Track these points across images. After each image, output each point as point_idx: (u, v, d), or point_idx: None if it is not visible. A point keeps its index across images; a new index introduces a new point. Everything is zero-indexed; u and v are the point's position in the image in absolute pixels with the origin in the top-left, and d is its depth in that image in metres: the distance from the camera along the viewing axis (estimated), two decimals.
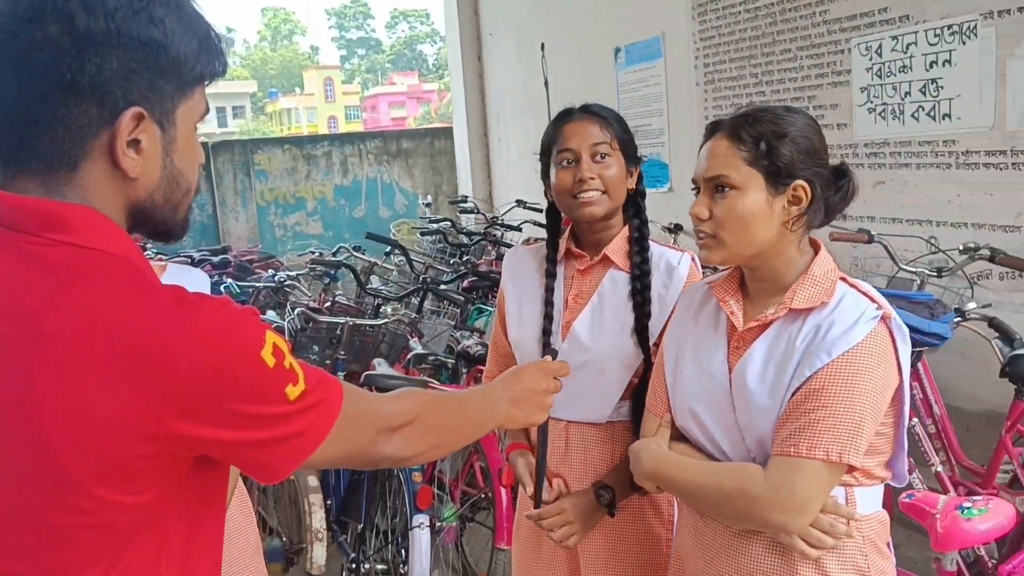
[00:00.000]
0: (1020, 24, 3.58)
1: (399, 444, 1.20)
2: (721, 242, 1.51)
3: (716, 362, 1.57)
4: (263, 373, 0.98)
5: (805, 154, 1.48)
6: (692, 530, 1.63)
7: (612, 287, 1.90)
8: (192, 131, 1.06)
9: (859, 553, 1.49)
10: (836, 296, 1.47)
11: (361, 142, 10.09)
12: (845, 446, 1.39)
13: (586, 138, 1.85)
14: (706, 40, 5.53)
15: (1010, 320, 3.22)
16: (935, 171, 4.04)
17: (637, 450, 1.65)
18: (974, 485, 3.12)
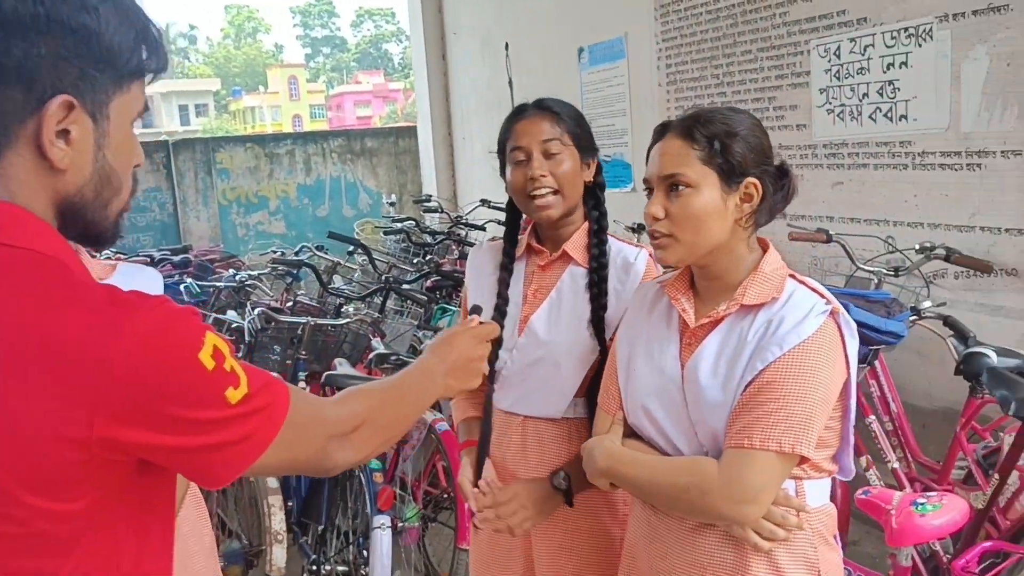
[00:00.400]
0: (974, 27, 3.64)
1: (351, 450, 1.18)
2: (677, 241, 1.53)
3: (669, 358, 1.59)
4: (201, 376, 0.95)
5: (755, 152, 1.53)
6: (645, 525, 1.65)
7: (571, 282, 1.91)
8: (128, 127, 1.03)
9: (809, 545, 1.52)
10: (786, 292, 1.51)
11: (324, 141, 10.02)
12: (797, 437, 1.42)
13: (537, 135, 1.85)
14: (668, 41, 5.56)
15: (965, 319, 3.27)
16: (892, 172, 4.10)
17: (590, 447, 1.66)
18: (930, 481, 3.16)
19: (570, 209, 1.89)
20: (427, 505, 3.59)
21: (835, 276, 4.26)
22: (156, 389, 0.92)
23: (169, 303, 0.95)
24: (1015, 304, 3.59)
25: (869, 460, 3.16)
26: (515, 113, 1.92)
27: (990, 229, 3.69)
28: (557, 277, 1.93)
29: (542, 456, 1.92)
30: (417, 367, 1.40)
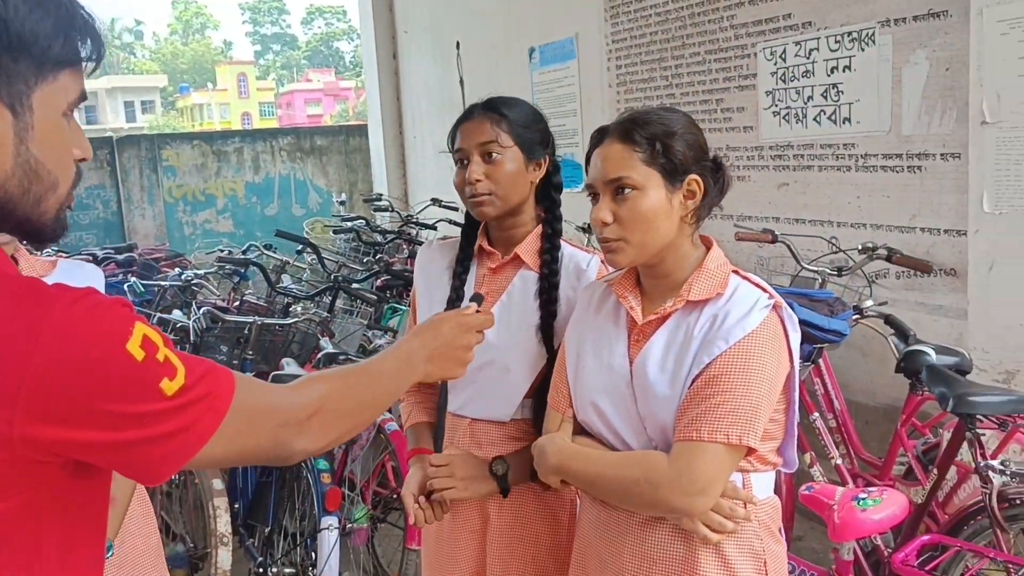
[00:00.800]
0: (915, 32, 3.72)
1: (309, 437, 1.13)
2: (628, 243, 1.55)
3: (617, 356, 1.62)
4: (130, 367, 0.90)
5: (693, 149, 1.56)
6: (595, 521, 1.66)
7: (522, 286, 1.90)
8: (57, 118, 0.98)
9: (756, 537, 1.56)
10: (730, 287, 1.55)
11: (274, 139, 9.90)
12: (744, 429, 1.45)
13: (476, 137, 1.84)
14: (618, 42, 5.60)
15: (905, 317, 3.34)
16: (836, 173, 4.17)
17: (541, 445, 1.67)
18: (872, 477, 3.22)
19: (512, 210, 1.87)
20: (376, 506, 3.56)
21: (781, 276, 4.33)
22: (80, 384, 0.88)
23: (95, 294, 0.92)
24: (953, 303, 3.68)
25: (813, 457, 3.21)
26: (463, 114, 1.92)
27: (930, 230, 3.78)
28: (508, 280, 1.92)
29: (488, 455, 1.90)
30: (396, 349, 1.34)
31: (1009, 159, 3.14)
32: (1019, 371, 3.22)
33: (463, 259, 1.96)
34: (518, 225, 1.91)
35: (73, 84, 0.99)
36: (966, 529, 2.60)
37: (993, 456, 2.59)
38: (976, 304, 3.36)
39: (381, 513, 3.58)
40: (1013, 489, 2.47)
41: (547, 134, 1.92)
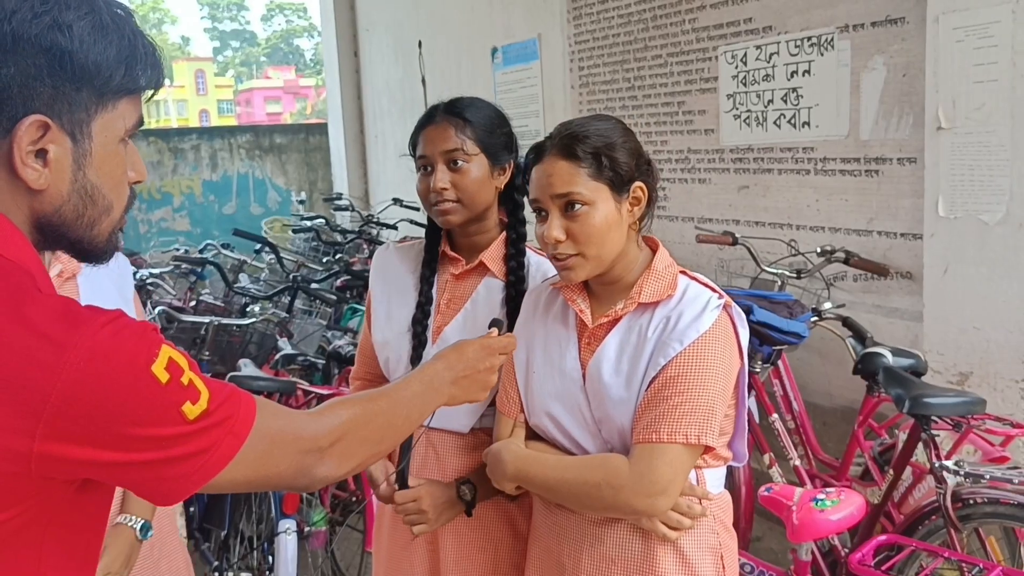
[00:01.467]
0: (873, 38, 3.77)
1: (331, 464, 1.13)
2: (585, 259, 1.55)
3: (568, 359, 1.62)
4: (154, 391, 0.91)
5: (634, 157, 1.57)
6: (551, 526, 1.66)
7: (487, 294, 1.86)
8: (115, 144, 1.00)
9: (711, 532, 1.59)
10: (680, 288, 1.56)
11: (232, 136, 9.77)
12: (702, 428, 1.47)
13: (440, 144, 1.80)
14: (581, 44, 5.60)
15: (863, 320, 3.38)
16: (795, 176, 4.21)
17: (495, 452, 1.66)
18: (830, 478, 3.25)
19: (476, 216, 1.84)
20: (335, 508, 3.52)
21: (741, 278, 4.36)
22: (105, 405, 0.88)
23: (123, 317, 0.92)
24: (909, 306, 3.73)
25: (772, 458, 3.23)
26: (425, 117, 1.86)
27: (887, 233, 3.83)
28: (472, 288, 1.88)
29: (447, 465, 1.88)
30: (421, 373, 1.36)
31: (963, 164, 3.19)
32: (972, 373, 3.27)
33: (430, 263, 1.92)
34: (482, 231, 1.88)
35: (132, 111, 1.01)
36: (921, 529, 2.63)
37: (947, 457, 2.63)
38: (931, 307, 3.41)
39: (340, 516, 3.53)
40: (967, 489, 2.50)
41: (511, 138, 1.88)
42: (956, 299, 3.29)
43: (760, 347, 3.29)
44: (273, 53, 68.83)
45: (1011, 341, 3.13)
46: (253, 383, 3.36)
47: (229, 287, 4.96)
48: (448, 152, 1.79)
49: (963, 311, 3.27)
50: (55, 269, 1.86)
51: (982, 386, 3.22)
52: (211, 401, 0.96)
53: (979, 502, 2.48)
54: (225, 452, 0.98)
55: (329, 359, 3.97)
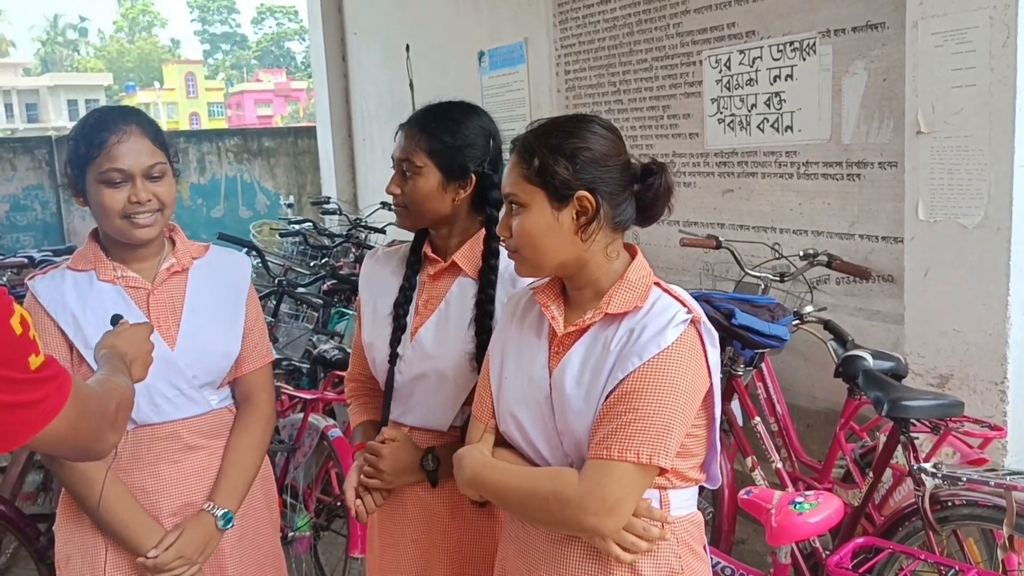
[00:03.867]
0: (854, 42, 3.79)
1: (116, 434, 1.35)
2: (523, 257, 1.54)
3: (537, 367, 1.58)
4: (9, 339, 1.08)
5: (585, 164, 1.48)
6: (514, 539, 1.63)
7: (460, 294, 1.88)
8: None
9: (673, 555, 1.51)
10: (649, 300, 1.50)
11: (220, 139, 9.75)
12: (655, 448, 1.41)
13: (397, 150, 1.84)
14: (567, 48, 5.62)
15: (845, 323, 3.40)
16: (779, 180, 4.24)
17: (459, 456, 1.63)
18: (812, 480, 3.27)
19: (432, 224, 1.88)
20: (319, 513, 3.51)
21: (726, 281, 4.38)
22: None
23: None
24: (891, 309, 3.75)
25: (754, 460, 3.25)
26: (405, 121, 1.90)
27: (868, 237, 3.86)
28: (447, 288, 1.89)
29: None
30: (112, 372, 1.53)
31: (943, 168, 3.21)
32: (952, 375, 3.29)
33: (412, 264, 1.94)
34: (452, 235, 1.89)
35: None
36: (900, 531, 2.64)
37: (926, 459, 2.64)
38: (912, 310, 3.42)
39: (324, 521, 3.53)
40: (945, 491, 2.52)
41: (484, 149, 1.84)
42: (936, 302, 3.31)
43: (742, 351, 3.30)
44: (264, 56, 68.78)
45: (989, 344, 3.15)
46: None
47: None
48: (400, 160, 1.84)
49: (943, 314, 3.29)
50: (167, 263, 1.95)
51: (962, 388, 3.24)
52: (45, 357, 1.14)
53: (957, 504, 2.49)
54: (53, 405, 1.16)
55: (315, 363, 3.97)
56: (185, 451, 1.93)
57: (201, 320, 1.95)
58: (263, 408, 2.06)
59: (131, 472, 1.89)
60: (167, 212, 1.90)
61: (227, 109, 57.59)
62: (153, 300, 1.92)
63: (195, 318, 1.95)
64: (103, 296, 1.88)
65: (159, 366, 1.84)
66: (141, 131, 1.86)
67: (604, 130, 1.53)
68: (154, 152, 1.86)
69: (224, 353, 1.98)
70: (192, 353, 1.92)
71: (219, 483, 1.95)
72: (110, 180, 1.81)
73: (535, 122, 1.57)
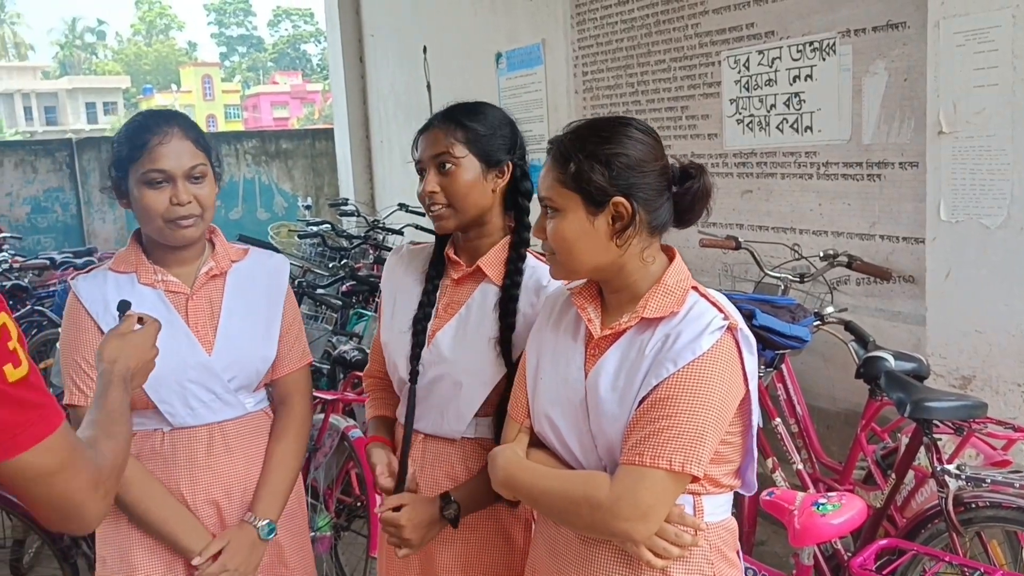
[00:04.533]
0: (874, 42, 3.78)
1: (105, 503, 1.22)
2: (558, 261, 1.54)
3: (573, 369, 1.57)
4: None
5: (622, 170, 1.47)
6: (546, 539, 1.63)
7: (481, 300, 1.85)
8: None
9: (705, 561, 1.50)
10: (686, 305, 1.48)
11: (238, 141, 9.82)
12: (687, 456, 1.39)
13: (430, 149, 1.81)
14: (584, 49, 5.62)
15: (866, 324, 3.39)
16: (798, 181, 4.22)
17: (493, 455, 1.63)
18: (832, 482, 3.26)
19: (472, 221, 1.83)
20: (340, 514, 3.53)
21: (745, 282, 4.37)
22: None
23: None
24: (912, 310, 3.73)
25: (775, 462, 3.24)
26: (424, 125, 1.87)
27: (889, 237, 3.84)
28: (469, 293, 1.87)
29: (439, 473, 1.88)
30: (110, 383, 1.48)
31: (965, 168, 3.20)
32: (975, 377, 3.27)
33: (436, 266, 1.92)
34: (484, 235, 1.86)
35: None
36: (923, 533, 2.63)
37: (949, 460, 2.63)
38: (933, 311, 3.41)
39: (344, 521, 3.55)
40: (968, 493, 2.50)
41: (512, 139, 1.85)
42: (958, 303, 3.30)
43: (763, 351, 3.29)
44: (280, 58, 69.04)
45: (1013, 345, 3.13)
46: None
47: None
48: (436, 156, 1.79)
49: (965, 315, 3.28)
50: (206, 267, 1.95)
51: (984, 390, 3.22)
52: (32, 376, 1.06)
53: (981, 506, 2.48)
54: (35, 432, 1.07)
55: (335, 364, 3.98)
56: (221, 454, 1.93)
57: (238, 324, 1.95)
58: (299, 412, 2.05)
59: (168, 473, 1.89)
60: (208, 215, 1.90)
61: (243, 111, 57.86)
62: (192, 305, 1.93)
63: (232, 323, 1.95)
64: (144, 300, 1.87)
65: (196, 372, 1.86)
66: (183, 133, 1.87)
67: (642, 134, 1.51)
68: (195, 154, 1.87)
69: (261, 357, 1.98)
70: (229, 358, 1.92)
71: (259, 492, 1.95)
72: (152, 181, 1.82)
73: (573, 124, 1.56)
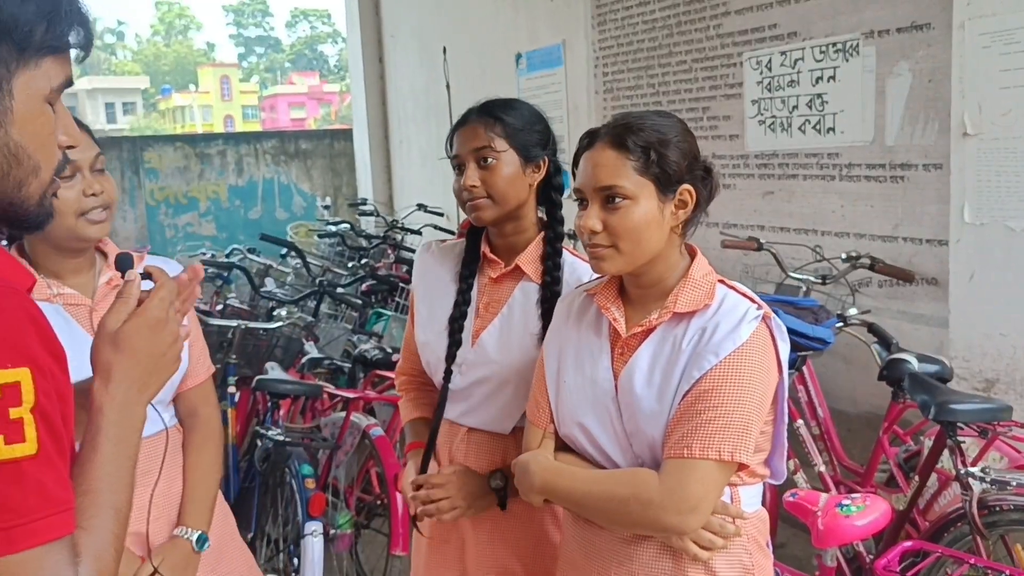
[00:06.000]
0: (898, 43, 3.76)
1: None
2: (619, 252, 1.50)
3: (601, 369, 1.56)
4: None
5: (687, 158, 1.51)
6: (580, 541, 1.62)
7: (523, 299, 1.85)
8: (39, 104, 0.97)
9: (744, 552, 1.52)
10: (717, 298, 1.49)
11: (257, 142, 9.85)
12: (736, 445, 1.41)
13: (469, 143, 1.80)
14: (605, 49, 5.62)
15: (888, 326, 3.37)
16: (820, 182, 4.21)
17: (524, 463, 1.61)
18: (854, 484, 3.24)
19: (509, 214, 1.82)
20: (360, 512, 3.55)
21: (766, 283, 4.35)
22: None
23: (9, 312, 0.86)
24: (935, 312, 3.71)
25: (797, 464, 3.23)
26: (460, 120, 1.88)
27: (912, 240, 3.82)
28: (509, 292, 1.87)
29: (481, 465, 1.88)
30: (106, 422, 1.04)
31: (989, 170, 3.18)
32: (998, 379, 3.25)
33: (469, 264, 1.91)
34: (519, 231, 1.86)
35: (57, 70, 0.98)
36: (947, 535, 2.62)
37: (973, 463, 2.61)
38: (957, 313, 3.39)
39: (365, 519, 3.56)
40: (993, 496, 2.49)
41: (546, 135, 1.86)
42: (982, 305, 3.28)
43: None
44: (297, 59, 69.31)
45: None
46: (280, 386, 3.41)
47: (256, 291, 5.00)
48: (477, 150, 1.79)
49: (989, 317, 3.26)
50: (105, 276, 1.83)
51: (1008, 393, 3.20)
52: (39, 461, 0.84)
53: (1005, 509, 2.47)
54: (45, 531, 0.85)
55: (355, 363, 4.01)
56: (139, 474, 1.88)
57: None
58: (212, 423, 1.98)
59: None
60: (113, 210, 1.79)
61: (261, 112, 58.11)
62: (97, 318, 1.74)
63: None
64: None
65: None
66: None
67: (688, 129, 1.56)
68: (92, 144, 1.75)
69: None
70: None
71: (185, 506, 1.89)
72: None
73: (622, 115, 1.55)
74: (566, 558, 1.69)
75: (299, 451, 3.21)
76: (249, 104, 59.13)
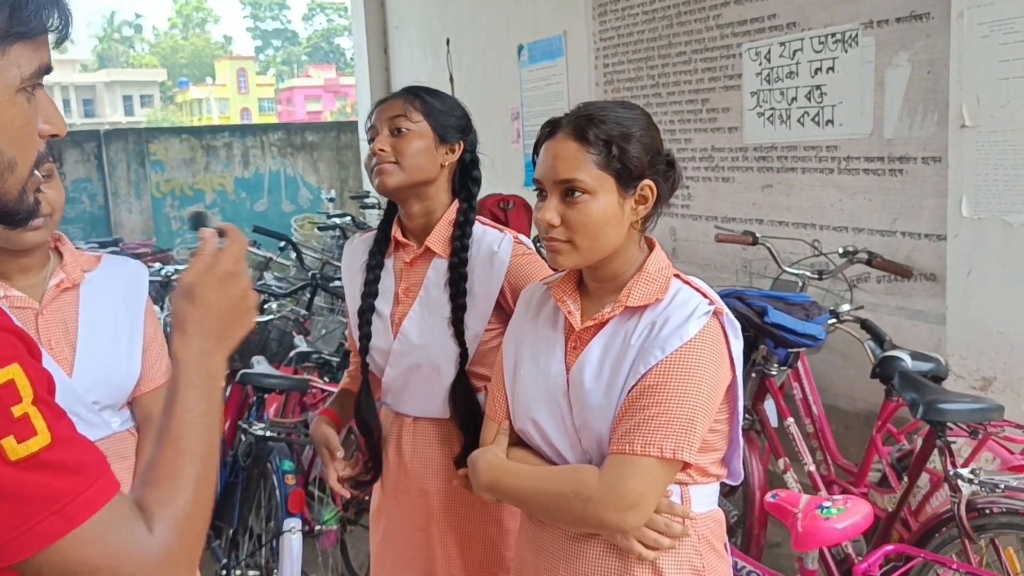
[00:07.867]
0: (897, 34, 3.68)
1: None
2: (576, 247, 1.47)
3: (554, 363, 1.54)
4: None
5: (649, 153, 1.47)
6: (531, 538, 1.60)
7: (436, 278, 1.86)
8: (9, 95, 0.90)
9: (694, 552, 1.48)
10: (670, 292, 1.47)
11: (264, 134, 9.85)
12: (679, 442, 1.38)
13: (385, 112, 1.84)
14: (606, 41, 5.56)
15: (886, 322, 3.31)
16: (819, 175, 4.13)
17: (473, 459, 1.60)
18: (848, 484, 3.19)
19: (415, 186, 1.83)
20: (347, 507, 3.52)
21: (763, 278, 4.29)
22: None
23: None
24: (933, 308, 3.64)
25: (787, 463, 3.17)
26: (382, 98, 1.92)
27: (910, 234, 3.74)
28: (423, 273, 1.88)
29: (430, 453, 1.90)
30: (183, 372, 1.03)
31: (988, 163, 3.10)
32: (996, 378, 3.18)
33: (376, 254, 1.93)
34: (428, 212, 1.88)
35: (29, 57, 0.92)
36: (936, 538, 2.56)
37: (965, 464, 2.55)
38: (954, 310, 3.32)
39: (352, 515, 3.53)
40: (982, 498, 2.43)
41: (466, 123, 1.90)
42: (979, 302, 3.20)
43: (775, 349, 3.22)
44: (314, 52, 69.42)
45: None
46: (265, 380, 3.38)
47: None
48: (392, 118, 1.82)
49: (987, 314, 3.18)
50: (56, 279, 1.80)
51: (1006, 391, 3.13)
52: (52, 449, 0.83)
53: (995, 512, 2.40)
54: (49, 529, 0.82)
55: (345, 356, 3.98)
56: None
57: (99, 340, 1.80)
58: None
59: None
60: (56, 217, 1.76)
61: (278, 104, 58.25)
62: (43, 321, 1.75)
63: (91, 339, 1.79)
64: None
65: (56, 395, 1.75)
66: None
67: (651, 119, 1.53)
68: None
69: (126, 372, 1.85)
70: (91, 376, 1.77)
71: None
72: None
73: (584, 105, 1.52)
74: (518, 554, 1.68)
75: (281, 446, 3.18)
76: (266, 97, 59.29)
